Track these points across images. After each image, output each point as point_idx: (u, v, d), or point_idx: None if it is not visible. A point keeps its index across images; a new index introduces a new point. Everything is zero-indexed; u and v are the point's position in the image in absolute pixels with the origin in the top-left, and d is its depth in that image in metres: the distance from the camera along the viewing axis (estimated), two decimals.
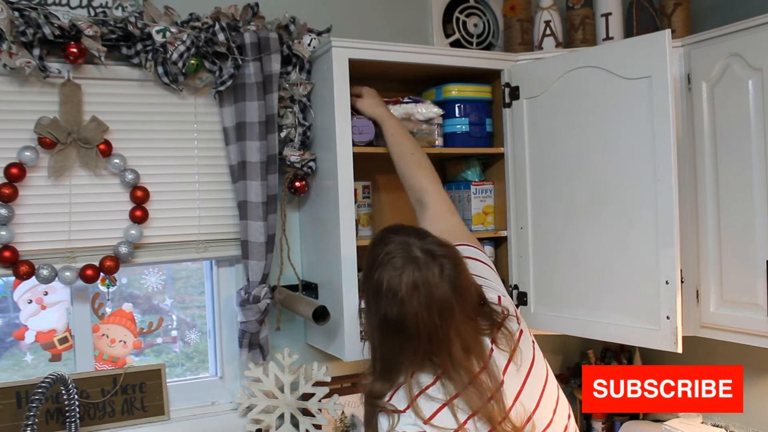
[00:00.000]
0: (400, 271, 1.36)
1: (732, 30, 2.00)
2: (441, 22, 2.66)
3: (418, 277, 1.35)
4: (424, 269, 1.36)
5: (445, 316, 1.35)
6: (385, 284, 1.37)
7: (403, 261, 1.38)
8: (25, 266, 1.95)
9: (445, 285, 1.35)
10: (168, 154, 2.18)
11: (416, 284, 1.34)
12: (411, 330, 1.35)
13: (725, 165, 2.05)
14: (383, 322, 1.38)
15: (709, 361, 2.27)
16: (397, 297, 1.35)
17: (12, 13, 1.87)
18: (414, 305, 1.34)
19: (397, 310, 1.35)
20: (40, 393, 1.84)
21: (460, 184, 2.52)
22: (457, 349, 1.36)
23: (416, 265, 1.36)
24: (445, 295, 1.35)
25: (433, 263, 1.37)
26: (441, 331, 1.35)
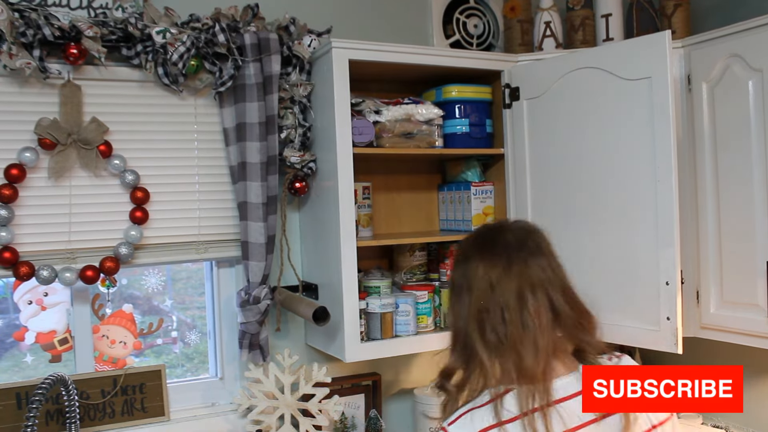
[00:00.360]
0: (501, 266, 1.36)
1: (732, 31, 2.00)
2: (441, 22, 2.66)
3: (504, 261, 1.35)
4: (507, 255, 1.36)
5: (522, 299, 1.33)
6: (482, 274, 1.36)
7: (489, 245, 1.39)
8: (25, 267, 1.95)
9: (515, 275, 1.35)
10: (168, 155, 2.18)
11: (498, 269, 1.35)
12: (490, 313, 1.33)
13: (725, 166, 2.05)
14: (461, 301, 1.38)
15: (709, 362, 2.26)
16: (476, 280, 1.35)
17: (12, 14, 1.87)
18: (492, 289, 1.34)
19: (474, 292, 1.35)
20: (40, 394, 1.84)
21: (460, 185, 2.52)
22: (534, 351, 1.32)
23: (497, 250, 1.37)
24: (524, 281, 1.35)
25: (512, 249, 1.37)
26: (516, 314, 1.33)
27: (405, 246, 2.44)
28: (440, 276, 2.46)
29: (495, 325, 1.33)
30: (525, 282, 1.35)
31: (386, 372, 2.56)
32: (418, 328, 2.30)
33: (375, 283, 2.30)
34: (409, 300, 2.27)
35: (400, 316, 2.26)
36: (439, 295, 2.38)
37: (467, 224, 2.48)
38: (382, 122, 2.24)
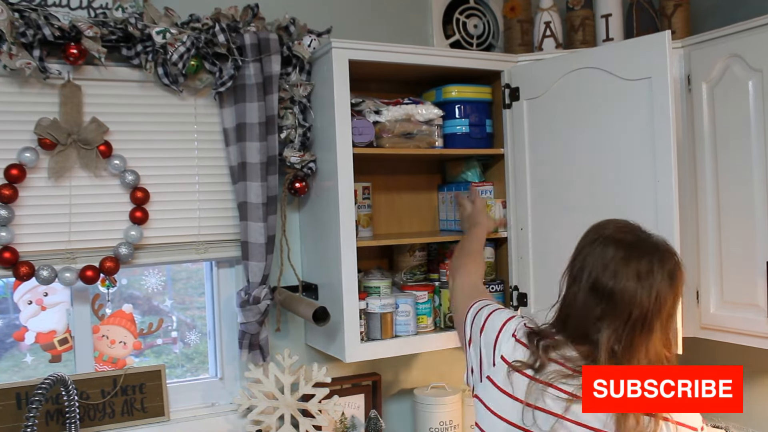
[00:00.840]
0: (630, 245, 1.42)
1: (732, 31, 2.00)
2: (441, 23, 2.66)
3: (647, 260, 1.40)
4: (653, 256, 1.41)
5: (657, 308, 1.39)
6: (612, 252, 1.42)
7: (635, 239, 1.45)
8: (25, 267, 1.95)
9: (668, 281, 1.40)
10: (168, 155, 2.18)
11: (644, 265, 1.39)
12: (621, 305, 1.38)
13: (725, 166, 2.05)
14: (595, 285, 1.42)
15: (709, 362, 2.26)
16: (623, 268, 1.40)
17: (12, 14, 1.87)
18: (636, 284, 1.38)
19: (617, 281, 1.39)
20: (40, 394, 1.84)
21: (460, 185, 2.52)
22: (657, 341, 1.40)
23: (646, 249, 1.43)
24: (665, 289, 1.40)
25: (661, 255, 1.43)
26: (648, 320, 1.38)
27: (405, 246, 2.44)
28: (440, 276, 2.46)
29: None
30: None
31: (386, 372, 2.56)
32: (418, 328, 2.30)
33: (375, 283, 2.30)
34: (409, 300, 2.27)
35: (400, 316, 2.26)
36: (439, 295, 2.38)
37: None
38: (382, 122, 2.24)
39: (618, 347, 1.38)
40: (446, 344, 2.33)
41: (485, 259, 2.45)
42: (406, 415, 2.60)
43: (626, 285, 1.39)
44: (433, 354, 2.58)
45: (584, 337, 1.43)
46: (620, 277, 1.39)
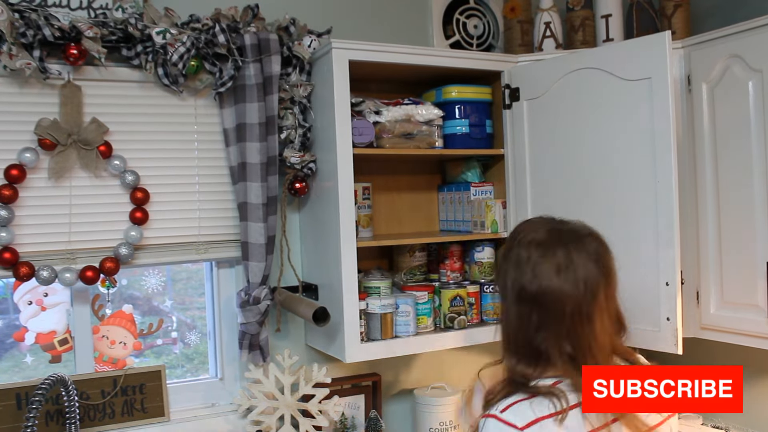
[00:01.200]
0: (543, 242, 1.37)
1: (732, 31, 2.00)
2: (441, 23, 2.66)
3: (562, 251, 1.35)
4: (570, 244, 1.36)
5: (590, 294, 1.33)
6: (525, 255, 1.36)
7: (546, 234, 1.39)
8: (25, 267, 1.95)
9: (593, 264, 1.35)
10: (168, 156, 2.18)
11: (561, 258, 1.34)
12: (551, 305, 1.33)
13: (725, 166, 2.05)
14: (519, 294, 1.36)
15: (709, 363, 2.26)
16: (538, 268, 1.34)
17: (12, 15, 1.87)
18: (558, 279, 1.33)
19: (538, 282, 1.34)
20: (40, 394, 1.84)
21: (460, 186, 2.52)
22: (597, 337, 1.34)
23: (561, 239, 1.37)
24: (592, 273, 1.34)
25: (579, 239, 1.37)
26: (584, 310, 1.33)
27: (405, 246, 2.44)
28: (440, 276, 2.46)
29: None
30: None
31: (386, 372, 2.56)
32: (417, 328, 2.30)
33: (375, 283, 2.30)
34: (409, 300, 2.27)
35: (400, 316, 2.26)
36: (439, 295, 2.38)
37: (467, 225, 2.48)
38: (382, 123, 2.24)
39: (569, 349, 1.33)
40: (446, 345, 2.33)
41: (485, 260, 2.46)
42: (406, 416, 2.60)
43: (549, 283, 1.33)
44: (433, 354, 2.58)
45: (534, 356, 1.36)
46: (541, 277, 1.33)
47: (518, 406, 1.30)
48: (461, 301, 2.36)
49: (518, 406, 1.30)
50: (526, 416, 1.28)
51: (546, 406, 1.29)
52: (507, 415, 1.29)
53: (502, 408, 1.31)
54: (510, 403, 1.31)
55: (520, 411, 1.29)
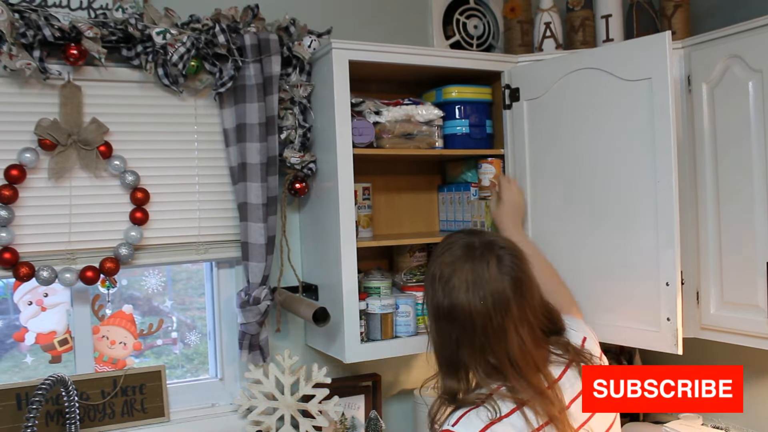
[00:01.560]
0: (454, 259, 1.37)
1: (732, 32, 2.00)
2: (441, 23, 2.66)
3: (470, 267, 1.35)
4: (479, 259, 1.36)
5: (499, 308, 1.34)
6: (438, 272, 1.38)
7: (460, 250, 1.39)
8: (25, 268, 1.95)
9: (503, 277, 1.35)
10: (168, 156, 2.18)
11: (468, 274, 1.35)
12: (464, 321, 1.34)
13: (725, 166, 2.05)
14: (436, 312, 1.38)
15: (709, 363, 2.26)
16: (449, 285, 1.35)
17: (12, 15, 1.87)
18: (466, 295, 1.34)
19: (449, 299, 1.35)
20: (40, 395, 1.84)
21: (460, 186, 2.52)
22: (515, 348, 1.34)
23: (471, 255, 1.37)
24: (500, 287, 1.35)
25: (490, 254, 1.37)
26: (495, 323, 1.33)
27: (405, 247, 2.44)
28: None
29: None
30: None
31: (386, 373, 2.56)
32: (418, 328, 2.30)
33: (375, 283, 2.30)
34: (409, 301, 2.27)
35: (400, 316, 2.26)
36: None
37: (467, 225, 2.48)
38: (382, 123, 2.24)
39: (494, 360, 1.35)
40: None
41: None
42: (406, 416, 2.60)
43: (458, 299, 1.34)
44: None
45: (459, 370, 1.38)
46: (452, 294, 1.35)
47: (467, 417, 1.33)
48: None
49: (467, 417, 1.33)
50: (476, 425, 1.31)
51: (490, 412, 1.32)
52: (459, 427, 1.32)
53: (453, 422, 1.34)
54: (459, 415, 1.34)
55: (470, 421, 1.32)
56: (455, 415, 1.35)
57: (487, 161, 2.42)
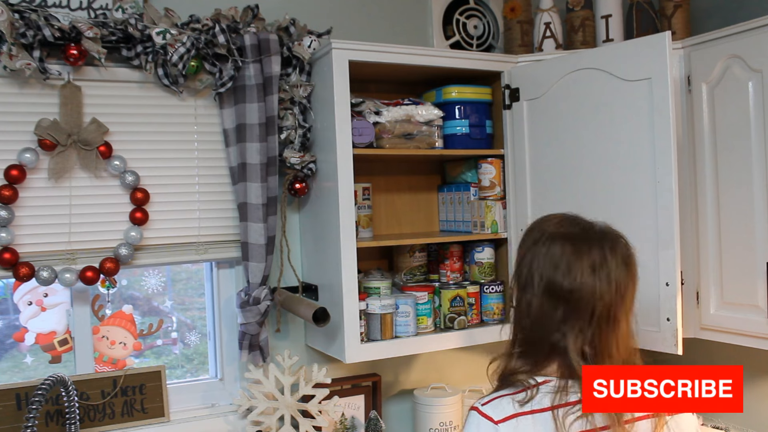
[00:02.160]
0: (575, 240, 1.36)
1: (732, 32, 2.00)
2: (441, 23, 2.66)
3: (597, 250, 1.35)
4: (598, 244, 1.36)
5: (620, 295, 1.35)
6: (558, 250, 1.36)
7: (578, 230, 1.39)
8: (25, 268, 1.95)
9: (621, 265, 1.36)
10: (168, 156, 2.18)
11: (596, 256, 1.34)
12: (581, 303, 1.33)
13: (725, 166, 2.05)
14: (549, 289, 1.35)
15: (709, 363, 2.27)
16: (573, 265, 1.34)
17: (12, 15, 1.87)
18: (592, 278, 1.33)
19: (570, 279, 1.33)
20: (40, 395, 1.84)
21: (460, 186, 2.52)
22: (624, 337, 1.36)
23: (591, 238, 1.37)
24: (622, 274, 1.36)
25: (607, 240, 1.38)
26: (613, 310, 1.34)
27: (405, 247, 2.44)
28: (440, 277, 2.46)
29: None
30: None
31: (386, 373, 2.56)
32: (418, 329, 2.30)
33: (375, 284, 2.30)
34: (409, 301, 2.27)
35: (400, 317, 2.26)
36: (439, 296, 2.37)
37: (467, 225, 2.48)
38: (382, 123, 2.24)
39: (588, 349, 1.33)
40: (446, 345, 2.33)
41: (485, 260, 2.46)
42: (406, 416, 2.60)
43: (583, 280, 1.33)
44: (433, 355, 2.58)
45: (550, 351, 1.36)
46: (575, 274, 1.33)
47: (499, 401, 1.33)
48: (461, 301, 2.36)
49: (500, 401, 1.33)
50: (505, 411, 1.31)
51: (525, 403, 1.32)
52: (487, 408, 1.33)
53: (485, 401, 1.34)
54: (494, 396, 1.35)
55: (500, 406, 1.32)
56: (493, 395, 1.35)
57: (487, 161, 2.42)
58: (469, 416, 1.34)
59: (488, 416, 1.31)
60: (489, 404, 1.33)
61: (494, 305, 2.41)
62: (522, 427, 1.30)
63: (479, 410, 1.33)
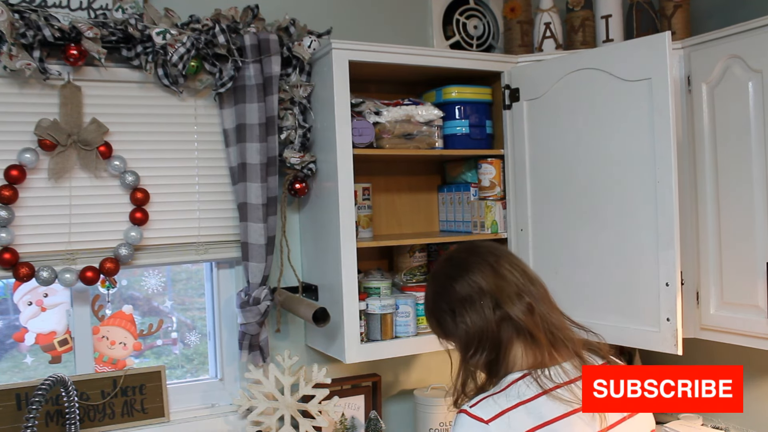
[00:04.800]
0: (484, 266, 1.44)
1: (732, 32, 2.00)
2: (441, 23, 2.66)
3: (494, 258, 1.45)
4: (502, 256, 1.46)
5: (538, 282, 1.45)
6: (447, 276, 1.47)
7: (466, 253, 1.50)
8: (25, 268, 1.95)
9: (516, 268, 1.45)
10: (168, 156, 2.18)
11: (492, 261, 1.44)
12: (508, 297, 1.40)
13: (725, 167, 2.05)
14: (466, 303, 1.42)
15: (709, 363, 2.27)
16: (468, 275, 1.43)
17: (12, 15, 1.87)
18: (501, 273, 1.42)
19: (469, 284, 1.43)
20: (40, 395, 1.84)
21: (460, 186, 2.52)
22: (555, 322, 1.41)
23: (481, 251, 1.48)
24: (528, 271, 1.46)
25: (499, 252, 1.49)
26: (541, 294, 1.43)
27: (405, 247, 2.44)
28: None
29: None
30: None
31: (386, 373, 2.56)
32: (418, 329, 2.30)
33: (375, 284, 2.30)
34: (409, 301, 2.27)
35: (400, 317, 2.26)
36: None
37: (467, 225, 2.48)
38: (382, 123, 2.25)
39: (528, 339, 1.39)
40: (446, 345, 2.33)
41: None
42: (406, 416, 2.60)
43: (483, 278, 1.42)
44: (433, 355, 2.58)
45: (508, 345, 1.41)
46: (471, 277, 1.43)
47: (488, 400, 1.35)
48: None
49: (488, 400, 1.35)
50: (494, 409, 1.32)
51: (512, 397, 1.33)
52: (475, 409, 1.34)
53: (473, 403, 1.36)
54: (482, 397, 1.36)
55: (489, 404, 1.34)
56: (478, 397, 1.37)
57: (487, 161, 2.42)
58: (457, 419, 1.35)
59: (477, 417, 1.32)
60: (477, 405, 1.34)
61: None
62: (515, 421, 1.30)
63: (468, 412, 1.34)
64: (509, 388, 1.35)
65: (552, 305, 1.45)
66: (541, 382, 1.34)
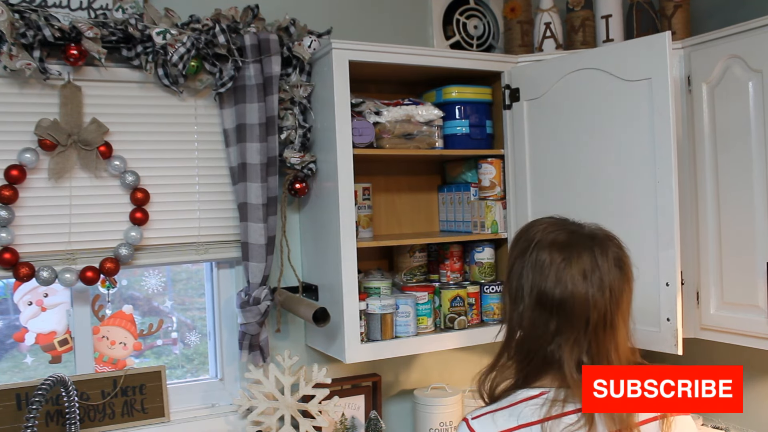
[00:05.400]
0: (563, 246, 1.31)
1: (732, 32, 2.00)
2: (441, 23, 2.66)
3: (587, 256, 1.30)
4: (588, 249, 1.31)
5: (615, 300, 1.30)
6: (546, 258, 1.30)
7: (565, 236, 1.33)
8: (25, 268, 1.95)
9: (614, 269, 1.31)
10: (168, 156, 2.18)
11: (586, 263, 1.29)
12: (574, 312, 1.28)
13: (725, 166, 2.05)
14: (540, 300, 1.30)
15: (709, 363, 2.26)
16: (562, 273, 1.28)
17: (12, 15, 1.87)
18: (584, 285, 1.28)
19: (561, 288, 1.28)
20: (40, 395, 1.84)
21: (460, 186, 2.52)
22: (623, 337, 1.32)
23: (579, 243, 1.31)
24: (615, 278, 1.30)
25: (597, 243, 1.32)
26: (609, 317, 1.29)
27: (405, 247, 2.44)
28: (440, 277, 2.46)
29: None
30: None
31: (386, 373, 2.56)
32: (418, 329, 2.30)
33: (375, 284, 2.30)
34: (409, 301, 2.27)
35: (400, 317, 2.26)
36: (439, 296, 2.37)
37: (467, 225, 2.48)
38: (382, 123, 2.25)
39: (585, 358, 1.30)
40: (446, 345, 2.33)
41: (486, 261, 2.46)
42: (406, 416, 2.60)
43: (574, 289, 1.27)
44: (433, 355, 2.58)
45: (543, 363, 1.32)
46: (565, 282, 1.28)
47: (491, 416, 1.30)
48: (461, 301, 2.36)
49: (491, 416, 1.30)
50: (491, 428, 1.28)
51: (513, 418, 1.28)
52: (475, 423, 1.30)
53: (476, 415, 1.32)
54: (485, 411, 1.32)
55: (486, 423, 1.29)
56: (481, 410, 1.32)
57: (487, 161, 2.42)
58: (459, 428, 1.33)
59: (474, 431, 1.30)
60: (478, 419, 1.31)
61: (494, 305, 2.41)
62: None
63: (468, 424, 1.31)
64: (514, 407, 1.30)
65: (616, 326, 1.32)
66: (551, 407, 1.28)
